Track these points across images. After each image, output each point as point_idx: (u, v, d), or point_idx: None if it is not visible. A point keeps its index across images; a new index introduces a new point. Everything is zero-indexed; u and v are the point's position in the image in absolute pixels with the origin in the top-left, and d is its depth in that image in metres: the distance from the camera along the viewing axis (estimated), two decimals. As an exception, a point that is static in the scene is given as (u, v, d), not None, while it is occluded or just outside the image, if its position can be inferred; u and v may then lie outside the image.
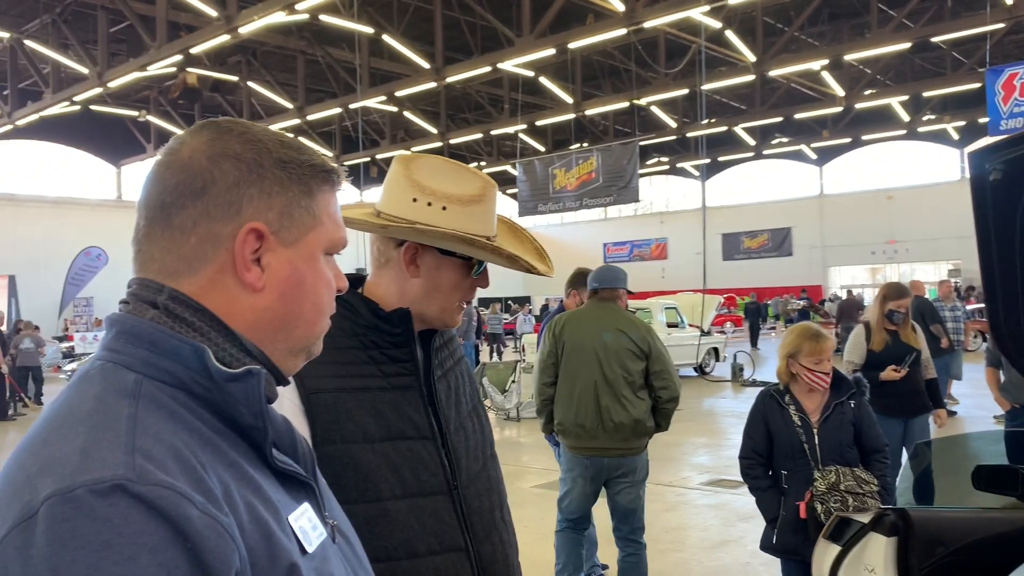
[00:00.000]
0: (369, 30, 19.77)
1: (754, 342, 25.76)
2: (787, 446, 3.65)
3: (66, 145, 34.02)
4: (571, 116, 25.29)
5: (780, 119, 27.81)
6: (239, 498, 0.77)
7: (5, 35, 21.98)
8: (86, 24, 21.42)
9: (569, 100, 24.07)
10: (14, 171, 33.06)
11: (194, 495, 0.71)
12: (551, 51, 18.02)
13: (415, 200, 1.51)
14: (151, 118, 28.91)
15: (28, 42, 22.20)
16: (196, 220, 0.85)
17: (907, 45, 19.36)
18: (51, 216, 33.27)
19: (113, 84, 20.37)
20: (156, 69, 19.22)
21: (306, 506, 0.89)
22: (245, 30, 16.44)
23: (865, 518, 2.73)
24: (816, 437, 3.62)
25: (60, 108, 23.19)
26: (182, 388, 0.81)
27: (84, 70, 20.88)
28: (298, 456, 0.93)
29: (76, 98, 22.01)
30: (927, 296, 11.56)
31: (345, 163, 30.50)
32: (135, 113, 29.13)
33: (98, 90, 20.74)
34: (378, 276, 1.60)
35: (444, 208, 1.51)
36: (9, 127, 25.26)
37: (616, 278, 4.67)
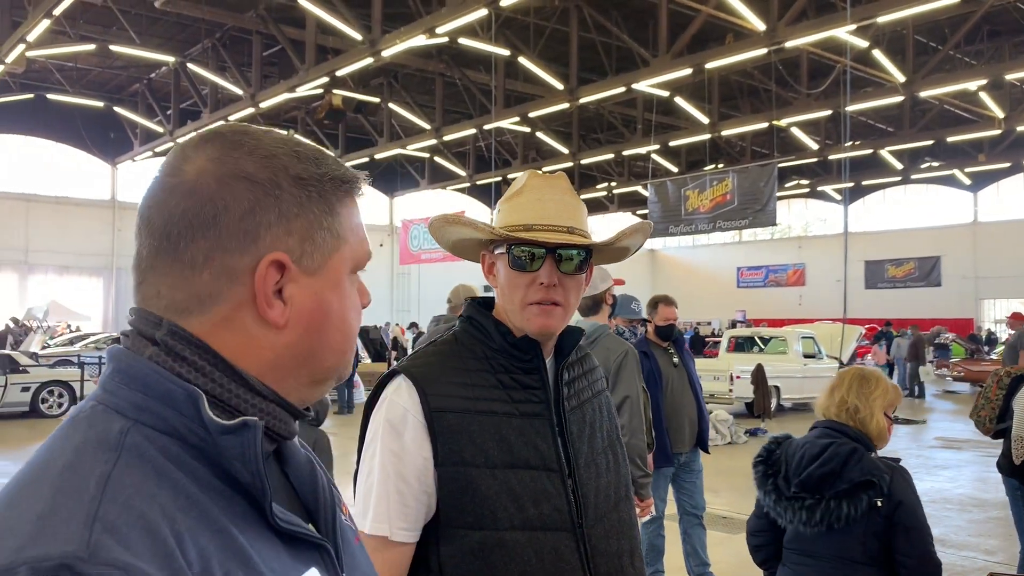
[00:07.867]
0: (505, 52, 20.07)
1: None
2: None
3: (220, 162, 36.24)
4: (706, 136, 24.82)
5: (931, 142, 26.33)
6: (219, 573, 0.69)
7: (170, 59, 23.62)
8: (242, 48, 22.79)
9: (705, 120, 23.63)
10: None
11: (155, 574, 0.63)
12: (687, 71, 17.74)
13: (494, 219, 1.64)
14: (297, 137, 30.35)
15: (190, 65, 23.80)
16: (208, 254, 0.76)
17: (1078, 63, 18.00)
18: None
19: (264, 105, 21.54)
20: (304, 91, 20.18)
21: (313, 572, 0.79)
22: (388, 53, 17.03)
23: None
24: None
25: (216, 127, 24.69)
26: (176, 437, 0.73)
27: (239, 91, 22.20)
28: (318, 506, 0.85)
29: (231, 118, 23.38)
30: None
31: (477, 182, 31.06)
32: (283, 132, 30.71)
33: (251, 110, 21.97)
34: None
35: (499, 211, 1.59)
36: (170, 144, 27.15)
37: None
